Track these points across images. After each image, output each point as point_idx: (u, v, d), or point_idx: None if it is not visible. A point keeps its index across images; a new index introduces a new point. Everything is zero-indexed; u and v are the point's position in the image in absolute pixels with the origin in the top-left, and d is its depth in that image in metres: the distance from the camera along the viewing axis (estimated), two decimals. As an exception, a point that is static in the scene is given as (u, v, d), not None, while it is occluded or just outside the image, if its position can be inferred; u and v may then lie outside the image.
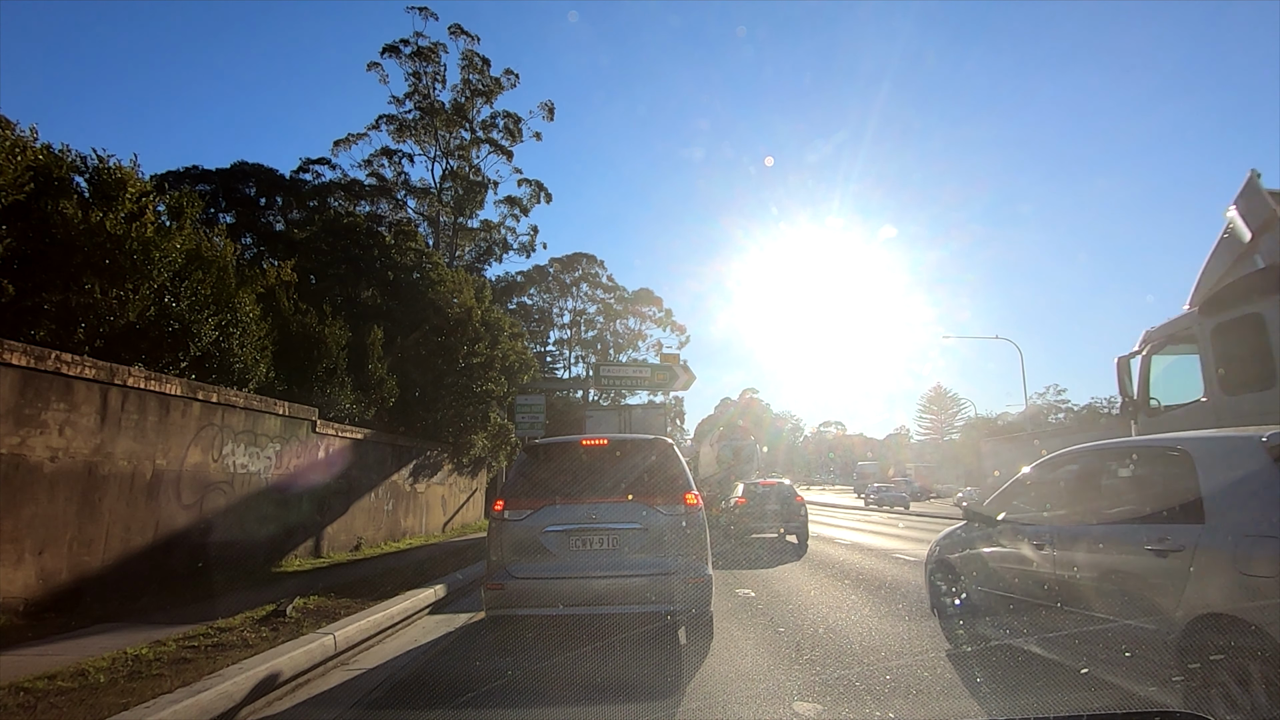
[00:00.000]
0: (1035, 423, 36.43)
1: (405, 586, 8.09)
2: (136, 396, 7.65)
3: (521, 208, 41.24)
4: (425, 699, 4.42)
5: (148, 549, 7.89)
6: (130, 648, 4.96)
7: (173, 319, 8.26)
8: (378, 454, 14.74)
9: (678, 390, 37.76)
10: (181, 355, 8.52)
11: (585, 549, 5.26)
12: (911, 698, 4.14)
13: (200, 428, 8.79)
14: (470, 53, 37.41)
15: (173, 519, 8.32)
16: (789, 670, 4.90)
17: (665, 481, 5.55)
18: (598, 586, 5.10)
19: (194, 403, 8.62)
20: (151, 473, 7.96)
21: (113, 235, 7.18)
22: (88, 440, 7.03)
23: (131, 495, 7.66)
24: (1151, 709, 3.48)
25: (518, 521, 5.32)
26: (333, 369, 12.58)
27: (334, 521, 12.78)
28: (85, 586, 6.97)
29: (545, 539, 5.25)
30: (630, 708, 4.01)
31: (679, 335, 51.42)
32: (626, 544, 5.26)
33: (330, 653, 5.20)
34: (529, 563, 5.23)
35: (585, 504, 5.34)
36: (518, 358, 22.50)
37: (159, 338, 8.17)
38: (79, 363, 6.85)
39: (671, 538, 5.29)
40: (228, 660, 4.53)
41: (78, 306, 7.07)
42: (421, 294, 19.94)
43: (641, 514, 5.33)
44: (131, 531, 7.66)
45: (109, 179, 7.58)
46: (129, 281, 7.39)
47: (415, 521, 17.12)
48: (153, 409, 7.93)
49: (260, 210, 34.11)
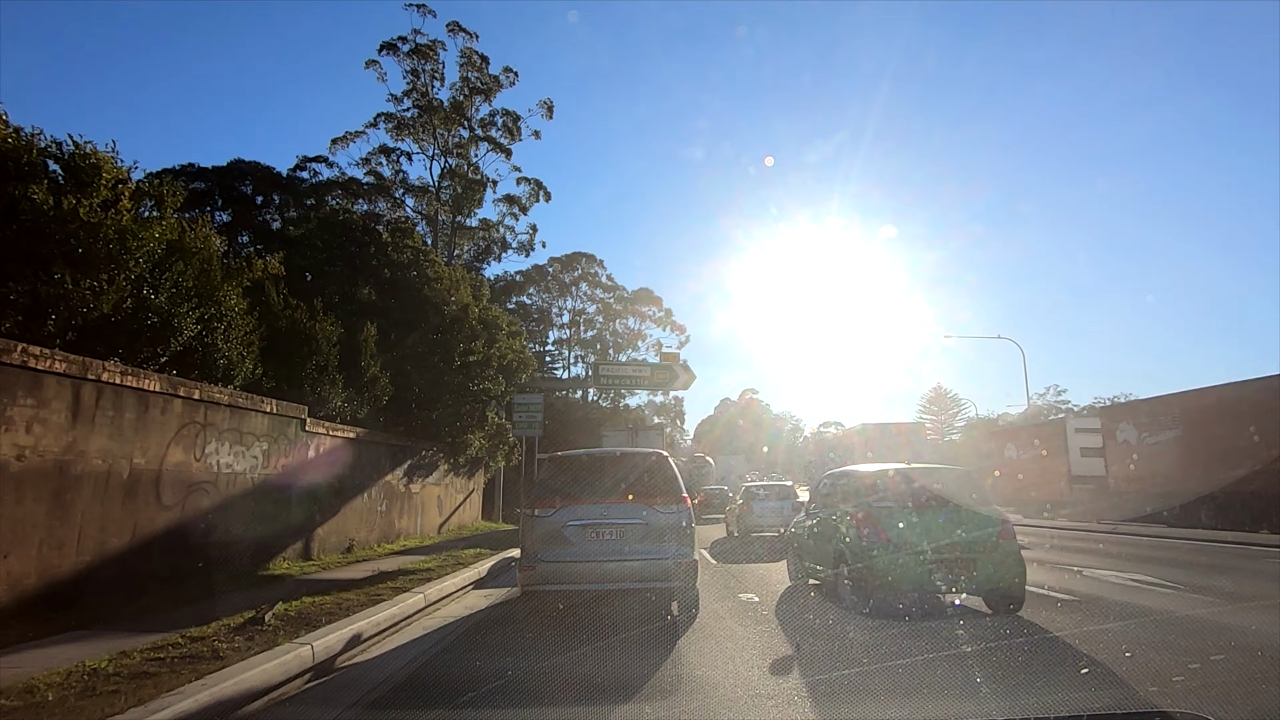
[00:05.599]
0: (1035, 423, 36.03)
1: (395, 591, 7.76)
2: (112, 392, 7.30)
3: (520, 206, 40.94)
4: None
5: (124, 552, 7.54)
6: (91, 660, 4.61)
7: (152, 312, 7.91)
8: (371, 453, 14.39)
9: (678, 390, 37.43)
10: (161, 350, 8.17)
11: (598, 539, 6.61)
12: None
13: (182, 425, 8.43)
14: (469, 50, 37.10)
15: (152, 520, 7.97)
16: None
17: (661, 486, 6.92)
18: (608, 568, 6.50)
19: (175, 399, 8.27)
20: (129, 472, 7.60)
21: (86, 223, 6.83)
22: (58, 438, 6.68)
23: (107, 495, 7.31)
24: (1151, 709, 3.57)
25: (545, 518, 6.68)
26: (324, 366, 12.23)
27: (325, 523, 12.43)
28: (55, 592, 6.61)
29: (567, 531, 6.61)
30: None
31: (679, 335, 51.10)
32: (631, 535, 6.61)
33: (307, 664, 4.85)
34: (554, 550, 6.58)
35: (598, 504, 6.70)
36: (516, 356, 22.15)
37: (137, 331, 7.82)
38: (48, 356, 6.49)
39: (666, 531, 6.66)
40: (193, 674, 4.17)
41: (48, 297, 6.72)
42: (418, 291, 19.60)
43: (642, 512, 6.69)
44: (107, 534, 7.31)
45: (83, 164, 7.23)
46: (103, 271, 7.04)
47: (410, 522, 16.77)
48: (130, 406, 7.58)
49: (257, 209, 33.76)
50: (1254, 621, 6.21)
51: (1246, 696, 3.82)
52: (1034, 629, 5.93)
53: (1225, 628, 6.05)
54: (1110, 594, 7.67)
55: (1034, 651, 5.19)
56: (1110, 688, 4.07)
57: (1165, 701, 3.69)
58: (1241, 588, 8.06)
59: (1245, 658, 4.89)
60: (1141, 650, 5.04)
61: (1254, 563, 10.57)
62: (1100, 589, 8.04)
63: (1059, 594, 7.61)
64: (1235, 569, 9.80)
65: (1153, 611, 6.59)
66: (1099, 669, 4.56)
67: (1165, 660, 4.74)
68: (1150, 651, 5.01)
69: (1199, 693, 3.99)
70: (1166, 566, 9.95)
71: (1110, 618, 6.34)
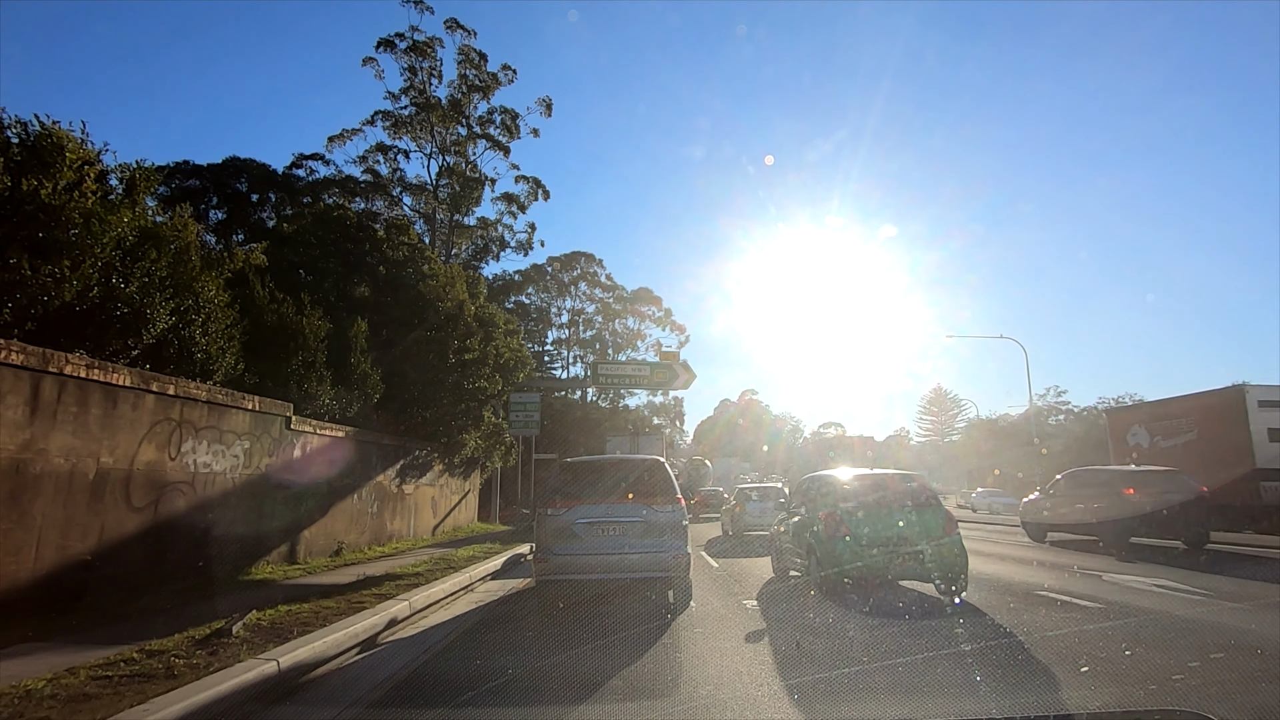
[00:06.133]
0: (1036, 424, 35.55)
1: (379, 598, 7.30)
2: (76, 386, 6.86)
3: (519, 205, 40.51)
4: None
5: (90, 557, 7.09)
6: (31, 679, 4.16)
7: (121, 302, 7.45)
8: (361, 453, 13.93)
9: (678, 389, 36.93)
10: (133, 343, 7.72)
11: (603, 535, 7.46)
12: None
13: (155, 422, 7.99)
14: (467, 47, 36.71)
15: (121, 523, 7.52)
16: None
17: (659, 488, 7.78)
18: (612, 560, 7.32)
19: (147, 395, 7.82)
20: (95, 472, 7.16)
21: (46, 205, 6.39)
22: (15, 435, 6.23)
23: (70, 497, 6.86)
24: (1151, 709, 3.60)
25: (557, 517, 7.51)
26: (311, 362, 11.77)
27: (312, 525, 11.97)
28: (12, 600, 6.16)
29: (576, 528, 7.45)
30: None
31: (679, 335, 50.70)
32: (632, 532, 7.47)
33: (270, 682, 4.40)
34: (564, 545, 7.41)
35: (603, 504, 7.56)
36: (513, 355, 21.69)
37: (106, 322, 7.37)
38: (4, 347, 6.05)
39: (663, 527, 7.53)
40: (137, 697, 3.73)
41: (3, 284, 6.27)
42: (413, 288, 19.16)
43: (642, 511, 7.54)
44: (70, 538, 6.86)
45: (45, 144, 6.78)
46: (66, 258, 6.59)
47: (403, 524, 16.31)
48: (97, 401, 7.14)
49: (253, 207, 33.33)
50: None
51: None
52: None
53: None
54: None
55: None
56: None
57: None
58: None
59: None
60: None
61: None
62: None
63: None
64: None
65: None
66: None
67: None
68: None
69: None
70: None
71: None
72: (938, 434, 76.80)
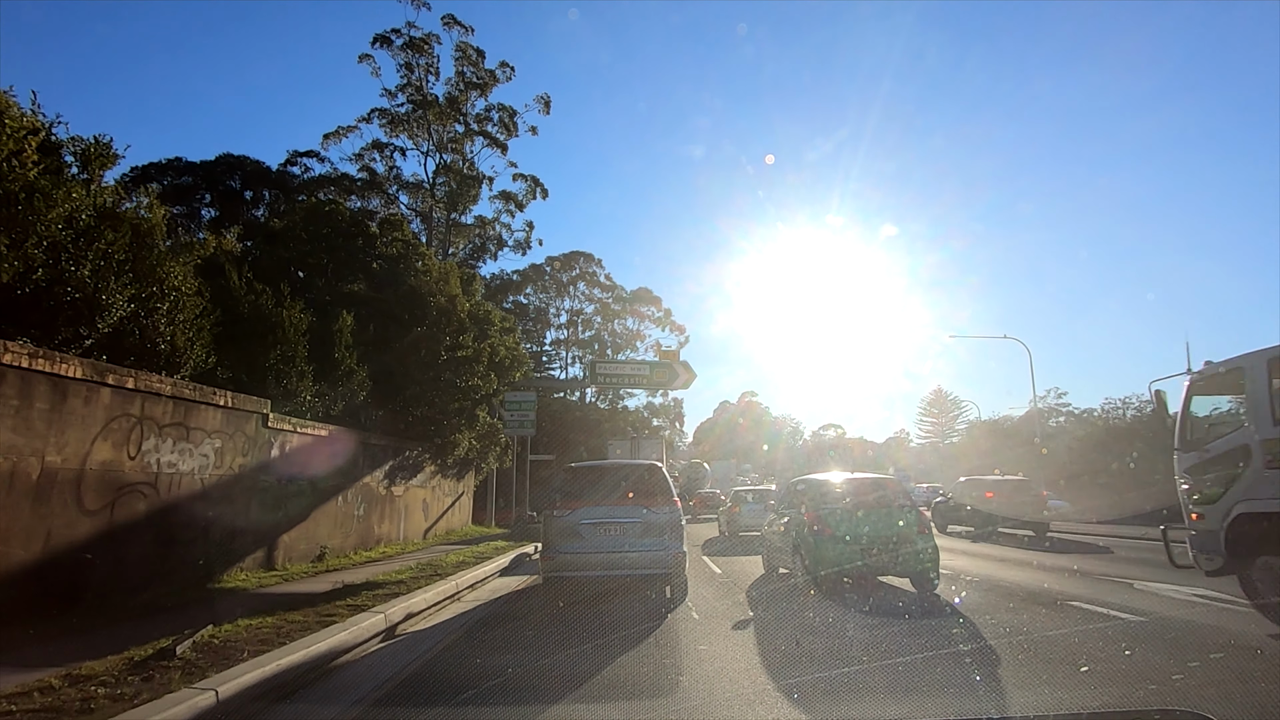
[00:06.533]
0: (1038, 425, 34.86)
1: (353, 609, 6.66)
2: (16, 377, 6.22)
3: (517, 203, 39.87)
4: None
5: (34, 565, 6.45)
6: (-83, 714, 3.53)
7: (72, 286, 6.82)
8: (347, 453, 13.26)
9: (678, 389, 36.30)
10: (85, 331, 7.09)
11: (605, 534, 7.91)
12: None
13: (111, 418, 7.34)
14: (464, 44, 36.13)
15: (71, 528, 6.87)
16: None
17: (657, 491, 8.29)
18: (613, 558, 7.78)
19: (102, 388, 7.18)
20: (40, 471, 6.51)
21: (-20, 176, 5.76)
22: (-59, 430, 5.60)
23: (10, 499, 6.22)
24: (1151, 708, 3.64)
25: (563, 517, 8.00)
26: (290, 356, 11.13)
27: (292, 529, 11.32)
28: (-63, 614, 5.54)
29: (580, 528, 7.91)
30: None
31: (678, 335, 49.99)
32: (632, 531, 7.92)
33: (207, 717, 3.77)
34: (569, 543, 7.89)
35: (605, 506, 8.05)
36: (508, 353, 21.06)
37: (54, 309, 6.75)
38: (-72, 332, 5.43)
39: (661, 527, 7.97)
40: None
41: (-71, 262, 5.64)
42: (404, 283, 18.54)
43: (642, 512, 7.99)
44: (10, 544, 6.21)
45: (-19, 110, 6.16)
46: (4, 235, 5.97)
47: (392, 527, 15.66)
48: (42, 394, 6.50)
49: (246, 204, 32.78)
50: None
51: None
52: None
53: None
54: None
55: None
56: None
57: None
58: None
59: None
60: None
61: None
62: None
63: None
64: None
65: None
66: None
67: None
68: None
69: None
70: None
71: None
72: (938, 436, 76.06)
